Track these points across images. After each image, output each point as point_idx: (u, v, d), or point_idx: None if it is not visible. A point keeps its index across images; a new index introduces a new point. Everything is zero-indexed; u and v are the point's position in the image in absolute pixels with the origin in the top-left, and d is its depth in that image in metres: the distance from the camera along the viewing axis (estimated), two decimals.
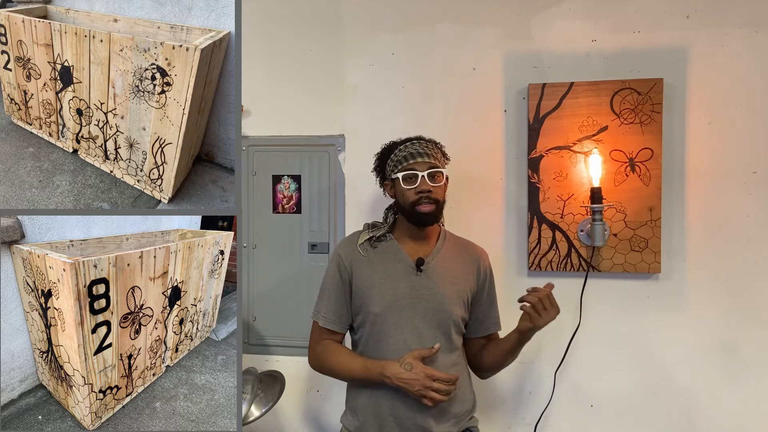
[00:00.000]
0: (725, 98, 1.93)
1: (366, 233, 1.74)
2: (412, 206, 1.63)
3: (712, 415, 1.97)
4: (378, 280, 1.67)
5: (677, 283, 1.98)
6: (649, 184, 1.93)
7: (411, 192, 1.63)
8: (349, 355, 1.70)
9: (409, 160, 1.64)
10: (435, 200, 1.63)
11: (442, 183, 1.66)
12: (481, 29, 2.07)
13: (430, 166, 1.63)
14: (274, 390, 1.76)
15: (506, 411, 2.10)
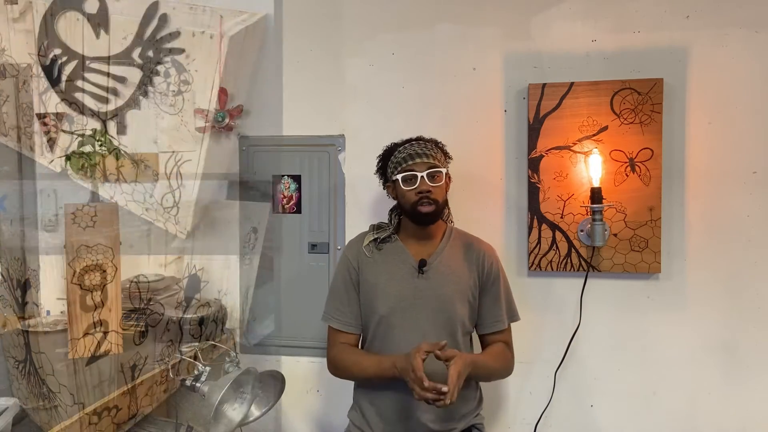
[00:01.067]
0: (725, 98, 1.93)
1: (371, 234, 1.76)
2: (413, 207, 1.64)
3: (712, 415, 1.97)
4: (383, 282, 1.68)
5: (677, 283, 1.98)
6: (649, 184, 1.93)
7: (411, 193, 1.64)
8: (363, 354, 1.71)
9: (408, 161, 1.64)
10: (435, 200, 1.63)
11: (442, 182, 1.66)
12: (480, 29, 2.07)
13: (429, 167, 1.64)
14: (274, 390, 1.76)
15: (506, 411, 2.10)
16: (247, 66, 1.47)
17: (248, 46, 1.32)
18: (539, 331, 2.03)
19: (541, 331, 2.01)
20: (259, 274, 2.24)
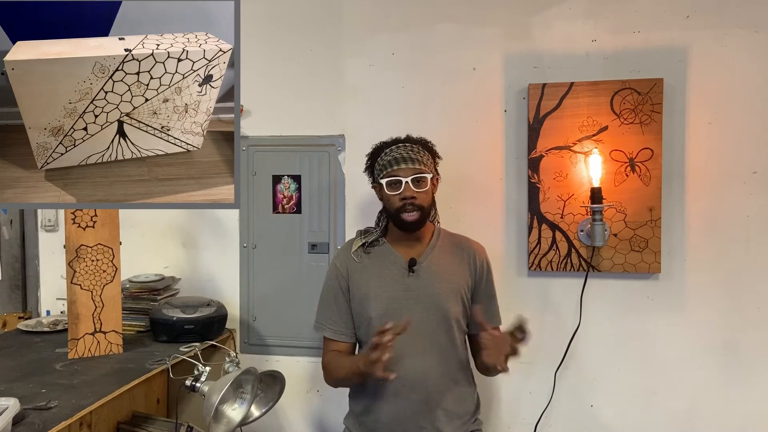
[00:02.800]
0: (725, 98, 1.93)
1: (359, 240, 1.74)
2: (397, 213, 1.63)
3: (712, 415, 1.97)
4: (374, 285, 1.67)
5: (677, 283, 1.98)
6: (649, 184, 1.93)
7: (395, 198, 1.62)
8: (345, 358, 1.69)
9: (393, 165, 1.62)
10: (419, 206, 1.62)
11: (428, 187, 1.64)
12: (481, 29, 2.07)
13: (414, 172, 1.61)
14: (274, 390, 1.76)
15: (506, 411, 2.10)
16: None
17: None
18: (539, 331, 2.02)
19: (541, 331, 2.00)
20: (260, 275, 2.24)
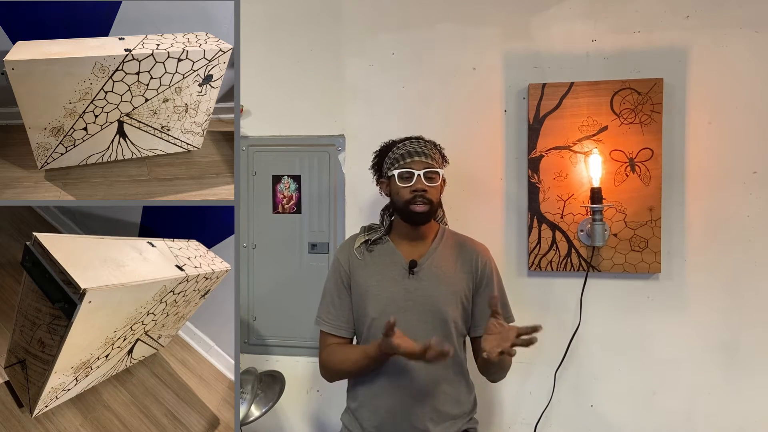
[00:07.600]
0: (725, 98, 1.93)
1: (362, 236, 1.74)
2: (406, 205, 1.63)
3: (712, 415, 1.97)
4: (373, 284, 1.67)
5: (677, 283, 1.98)
6: (649, 184, 1.93)
7: (406, 190, 1.62)
8: (350, 347, 1.69)
9: (407, 158, 1.63)
10: (429, 200, 1.62)
11: (438, 184, 1.65)
12: (480, 29, 2.07)
13: (426, 166, 1.63)
14: (274, 390, 1.76)
15: (506, 411, 2.10)
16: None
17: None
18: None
19: (541, 331, 2.00)
20: (259, 274, 2.24)
